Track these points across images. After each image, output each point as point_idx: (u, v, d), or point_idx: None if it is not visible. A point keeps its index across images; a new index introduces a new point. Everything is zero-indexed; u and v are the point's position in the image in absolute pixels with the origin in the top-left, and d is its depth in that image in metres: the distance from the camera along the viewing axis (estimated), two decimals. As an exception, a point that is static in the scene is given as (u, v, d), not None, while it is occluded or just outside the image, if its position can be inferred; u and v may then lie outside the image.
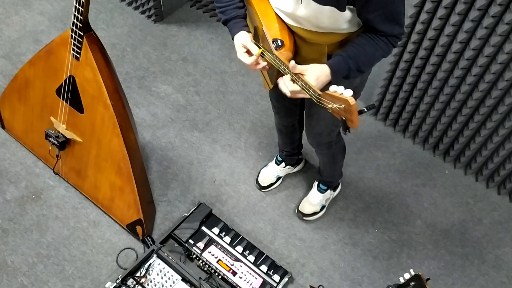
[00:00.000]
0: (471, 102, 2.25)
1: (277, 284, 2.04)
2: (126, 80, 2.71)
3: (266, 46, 1.49)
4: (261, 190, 2.36)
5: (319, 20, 1.40)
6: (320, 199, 2.27)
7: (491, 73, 2.08)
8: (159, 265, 2.02)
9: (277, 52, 1.46)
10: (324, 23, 1.41)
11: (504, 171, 2.37)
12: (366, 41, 1.42)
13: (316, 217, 2.29)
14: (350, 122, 1.21)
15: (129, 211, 2.07)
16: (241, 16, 1.56)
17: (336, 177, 2.30)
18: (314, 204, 2.27)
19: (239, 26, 1.55)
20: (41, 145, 2.23)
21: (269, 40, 1.46)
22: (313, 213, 2.27)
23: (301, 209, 2.28)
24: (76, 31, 1.72)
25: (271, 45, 1.46)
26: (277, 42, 1.47)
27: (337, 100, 1.20)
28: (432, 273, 2.20)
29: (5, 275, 2.00)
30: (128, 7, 3.10)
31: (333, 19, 1.39)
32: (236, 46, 1.53)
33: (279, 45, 1.47)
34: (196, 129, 2.58)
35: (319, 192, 2.27)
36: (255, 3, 1.52)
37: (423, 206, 2.41)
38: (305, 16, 1.41)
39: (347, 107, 1.17)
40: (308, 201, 2.29)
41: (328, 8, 1.34)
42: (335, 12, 1.35)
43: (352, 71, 1.43)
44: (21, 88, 2.14)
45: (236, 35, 1.54)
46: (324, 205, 2.30)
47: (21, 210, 2.18)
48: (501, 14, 1.91)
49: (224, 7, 1.55)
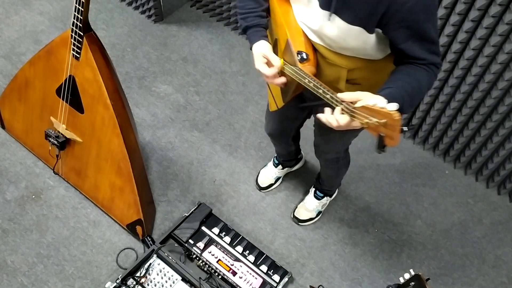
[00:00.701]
0: (471, 102, 2.25)
1: (277, 284, 2.04)
2: (126, 80, 2.71)
3: (289, 58, 1.40)
4: (260, 190, 2.36)
5: (345, 41, 1.34)
6: (316, 205, 2.26)
7: (491, 73, 2.08)
8: (159, 265, 2.02)
9: (301, 65, 1.37)
10: (350, 44, 1.35)
11: (504, 171, 2.37)
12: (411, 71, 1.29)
13: (312, 222, 2.28)
14: (389, 139, 1.09)
15: (129, 211, 2.07)
16: (262, 25, 1.49)
17: (336, 187, 2.30)
18: (310, 210, 2.26)
19: (260, 35, 1.47)
20: (41, 145, 2.23)
21: (293, 51, 1.38)
22: (308, 219, 2.27)
23: (296, 215, 2.27)
24: (76, 31, 1.72)
25: (295, 57, 1.37)
26: (302, 54, 1.40)
27: (377, 114, 1.07)
28: (432, 273, 2.20)
29: (5, 275, 2.00)
30: (128, 7, 3.10)
31: (360, 41, 1.32)
32: (255, 55, 1.45)
33: (304, 58, 1.40)
34: (196, 129, 2.58)
35: (316, 199, 2.26)
36: (281, 13, 1.46)
37: (423, 206, 2.41)
38: (331, 35, 1.35)
39: (389, 122, 1.05)
40: (304, 207, 2.27)
41: (356, 28, 1.28)
42: (363, 33, 1.29)
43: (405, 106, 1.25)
44: (21, 88, 2.14)
45: (256, 44, 1.46)
46: (320, 211, 2.29)
47: (21, 210, 2.18)
48: (501, 14, 1.91)
49: (246, 13, 1.48)
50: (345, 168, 2.12)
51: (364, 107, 1.11)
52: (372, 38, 1.31)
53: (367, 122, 1.10)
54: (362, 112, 1.12)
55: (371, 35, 1.30)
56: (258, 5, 1.49)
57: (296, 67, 1.36)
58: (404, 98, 1.24)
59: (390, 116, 1.05)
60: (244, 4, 1.49)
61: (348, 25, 1.28)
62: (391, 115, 1.04)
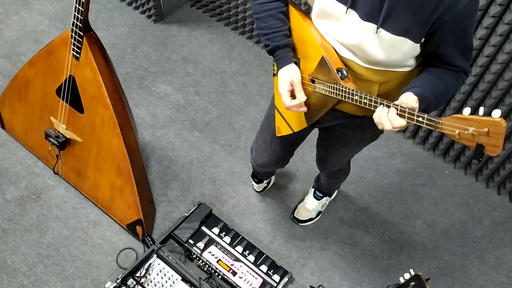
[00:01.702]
0: (471, 102, 2.25)
1: (277, 284, 2.04)
2: (126, 80, 2.71)
3: (324, 77, 1.34)
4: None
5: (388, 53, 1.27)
6: (316, 205, 2.25)
7: (491, 73, 2.08)
8: (159, 265, 2.02)
9: (343, 82, 1.29)
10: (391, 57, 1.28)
11: (504, 171, 2.37)
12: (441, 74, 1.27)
13: (312, 222, 2.28)
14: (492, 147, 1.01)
15: (129, 211, 2.07)
16: (290, 45, 1.40)
17: (335, 190, 2.30)
18: (310, 210, 2.25)
19: (289, 56, 1.39)
20: (41, 145, 2.23)
21: (333, 69, 1.30)
22: (308, 219, 2.26)
23: (296, 215, 2.26)
24: (76, 31, 1.72)
25: (335, 74, 1.30)
26: (342, 72, 1.31)
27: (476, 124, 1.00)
28: (432, 273, 2.20)
29: (5, 275, 2.00)
30: (128, 7, 3.10)
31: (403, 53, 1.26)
32: (284, 80, 1.38)
33: (345, 75, 1.31)
34: (196, 129, 2.58)
35: (316, 199, 2.25)
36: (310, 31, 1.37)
37: (423, 206, 2.41)
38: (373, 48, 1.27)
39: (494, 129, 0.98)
40: (304, 207, 2.27)
41: (402, 39, 1.22)
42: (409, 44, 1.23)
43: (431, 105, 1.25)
44: (21, 88, 2.14)
45: (285, 68, 1.38)
46: (320, 211, 2.29)
47: (21, 210, 2.18)
48: (501, 14, 1.91)
49: (272, 34, 1.39)
50: (345, 176, 2.12)
51: (455, 118, 1.05)
52: (417, 48, 1.26)
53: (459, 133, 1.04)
54: (450, 123, 1.06)
55: (416, 45, 1.24)
56: (283, 23, 1.40)
57: (339, 84, 1.30)
58: (431, 101, 1.23)
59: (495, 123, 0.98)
60: (269, 24, 1.40)
61: (394, 37, 1.22)
62: (498, 122, 0.98)
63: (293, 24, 1.43)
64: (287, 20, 1.42)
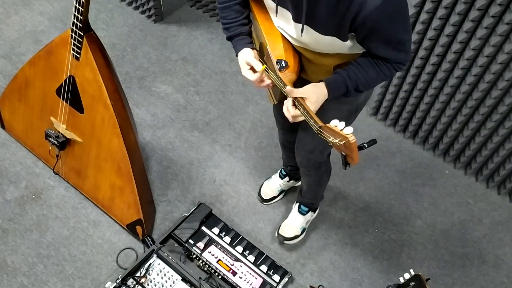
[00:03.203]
0: (471, 102, 2.25)
1: (277, 284, 2.04)
2: (126, 80, 2.71)
3: (271, 65, 1.47)
4: (262, 202, 2.32)
5: (323, 47, 1.40)
6: (301, 222, 2.17)
7: (491, 73, 2.08)
8: (159, 265, 2.02)
9: (281, 73, 1.43)
10: (328, 49, 1.41)
11: (504, 171, 2.37)
12: (369, 64, 1.39)
13: (297, 240, 2.18)
14: (350, 159, 1.17)
15: (129, 211, 2.07)
16: (245, 33, 1.53)
17: (319, 198, 2.21)
18: (295, 227, 2.17)
19: (243, 43, 1.52)
20: (41, 145, 2.23)
21: (273, 60, 1.44)
22: (294, 237, 2.17)
23: (281, 233, 2.16)
24: (76, 31, 1.72)
25: (275, 66, 1.43)
26: (281, 63, 1.45)
27: (338, 136, 1.15)
28: (432, 273, 2.20)
29: (5, 275, 2.00)
30: (128, 7, 3.10)
31: (336, 47, 1.38)
32: (240, 63, 1.51)
33: (283, 66, 1.45)
34: (196, 129, 2.58)
35: (300, 214, 2.17)
36: (261, 20, 1.50)
37: (423, 206, 2.41)
38: (308, 42, 1.41)
39: (347, 144, 1.13)
40: (288, 224, 2.18)
41: (330, 38, 1.33)
42: (337, 41, 1.33)
43: (350, 91, 1.41)
44: (21, 88, 2.14)
45: (240, 52, 1.52)
46: (305, 228, 2.21)
47: (21, 210, 2.18)
48: (501, 14, 1.91)
49: (228, 24, 1.53)
50: (326, 177, 2.06)
51: (327, 127, 1.19)
52: (348, 43, 1.35)
53: (331, 141, 1.17)
54: (326, 132, 1.20)
55: (345, 42, 1.34)
56: (239, 14, 1.52)
57: (277, 75, 1.42)
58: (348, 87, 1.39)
59: (346, 139, 1.13)
60: (226, 15, 1.53)
61: (321, 36, 1.33)
62: (347, 138, 1.13)
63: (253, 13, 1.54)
64: (245, 9, 1.54)
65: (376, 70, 1.39)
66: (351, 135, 1.14)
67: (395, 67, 1.40)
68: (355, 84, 1.40)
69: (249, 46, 1.52)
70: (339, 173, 2.45)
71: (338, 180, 2.44)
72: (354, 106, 1.66)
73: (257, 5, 1.53)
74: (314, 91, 1.38)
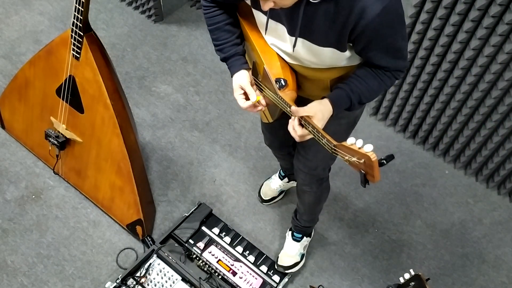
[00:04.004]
0: (471, 102, 2.25)
1: (277, 284, 2.04)
2: (126, 80, 2.71)
3: (269, 85, 1.43)
4: (262, 203, 2.32)
5: (320, 59, 1.37)
6: (298, 249, 2.10)
7: (491, 73, 2.08)
8: (159, 265, 2.02)
9: (281, 92, 1.39)
10: (326, 62, 1.38)
11: (504, 171, 2.37)
12: (369, 75, 1.37)
13: (298, 267, 2.11)
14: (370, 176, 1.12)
15: (129, 211, 2.07)
16: (240, 53, 1.50)
17: (315, 220, 2.12)
18: (293, 255, 2.09)
19: (239, 63, 1.49)
20: (41, 145, 2.23)
21: (272, 80, 1.40)
22: (294, 264, 2.09)
23: (280, 263, 2.08)
24: (76, 31, 1.72)
25: (274, 85, 1.40)
26: (280, 82, 1.41)
27: (356, 154, 1.12)
28: (432, 273, 2.20)
29: (5, 275, 2.00)
30: (128, 7, 3.10)
31: (334, 59, 1.36)
32: (234, 86, 1.49)
33: (283, 85, 1.41)
34: (196, 129, 2.58)
35: (295, 242, 2.11)
36: (254, 39, 1.47)
37: (423, 206, 2.41)
38: (305, 56, 1.38)
39: (367, 162, 1.09)
40: (286, 253, 2.10)
41: (328, 49, 1.31)
42: (336, 52, 1.32)
43: (354, 105, 1.38)
44: (21, 88, 2.14)
45: (236, 75, 1.50)
46: (303, 253, 2.14)
47: (21, 210, 2.18)
48: (501, 14, 1.91)
49: (221, 45, 1.50)
50: (326, 194, 1.97)
51: (344, 146, 1.15)
52: (346, 53, 1.33)
53: (347, 159, 1.14)
54: (342, 150, 1.16)
55: (344, 53, 1.32)
56: (230, 34, 1.49)
57: (277, 95, 1.39)
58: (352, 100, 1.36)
59: (367, 157, 1.10)
60: (217, 36, 1.50)
61: (319, 48, 1.31)
62: (368, 156, 1.09)
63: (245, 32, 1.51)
64: (237, 28, 1.51)
65: (377, 81, 1.37)
66: (372, 153, 1.10)
67: (395, 75, 1.39)
68: (358, 97, 1.37)
69: (245, 67, 1.49)
70: (339, 173, 2.45)
71: (338, 180, 2.44)
72: (352, 119, 1.65)
73: (249, 24, 1.49)
74: (319, 108, 1.33)
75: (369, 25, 1.20)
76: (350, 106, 1.39)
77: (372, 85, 1.37)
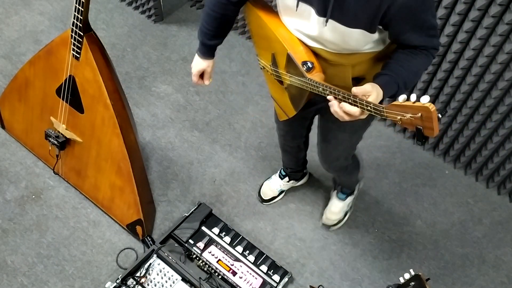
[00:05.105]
0: (471, 102, 2.25)
1: (277, 284, 2.04)
2: (126, 80, 2.71)
3: (295, 70, 1.43)
4: (262, 203, 2.33)
5: (347, 43, 1.36)
6: (342, 207, 2.24)
7: (491, 73, 2.08)
8: (159, 265, 2.02)
9: (309, 74, 1.39)
10: (352, 45, 1.37)
11: (504, 171, 2.37)
12: (410, 57, 1.35)
13: (341, 224, 2.27)
14: (429, 130, 1.09)
15: (129, 211, 2.07)
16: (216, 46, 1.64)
17: (355, 184, 2.27)
18: (336, 213, 2.24)
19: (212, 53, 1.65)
20: (41, 145, 2.23)
21: (298, 63, 1.40)
22: (338, 222, 2.25)
23: (325, 222, 2.25)
24: (76, 31, 1.72)
25: (301, 68, 1.40)
26: (307, 64, 1.40)
27: (410, 109, 1.09)
28: (432, 273, 2.20)
29: (5, 275, 2.00)
30: (128, 7, 3.10)
31: (361, 41, 1.35)
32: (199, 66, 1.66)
33: (310, 67, 1.40)
34: (196, 129, 2.58)
35: (340, 201, 2.24)
36: (274, 29, 1.47)
37: (423, 206, 2.41)
38: (331, 39, 1.36)
39: (425, 114, 1.06)
40: (330, 211, 2.25)
41: (357, 31, 1.29)
42: (365, 34, 1.30)
43: (400, 89, 1.35)
44: (21, 88, 2.14)
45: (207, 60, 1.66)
46: (347, 211, 2.28)
47: (21, 210, 2.18)
48: (501, 14, 1.91)
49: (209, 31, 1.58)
50: (356, 170, 2.11)
51: (394, 105, 1.13)
52: (375, 35, 1.32)
53: (400, 118, 1.11)
54: (392, 110, 1.14)
55: (373, 34, 1.31)
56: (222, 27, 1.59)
57: (306, 77, 1.38)
58: (399, 85, 1.33)
59: (425, 109, 1.06)
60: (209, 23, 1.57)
61: (348, 29, 1.29)
62: (427, 107, 1.06)
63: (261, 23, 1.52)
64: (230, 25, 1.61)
65: (417, 61, 1.35)
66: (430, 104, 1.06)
67: (432, 52, 1.37)
68: (404, 82, 1.34)
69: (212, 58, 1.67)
70: (339, 173, 2.46)
71: (338, 180, 2.44)
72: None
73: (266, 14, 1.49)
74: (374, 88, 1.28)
75: (404, 3, 1.20)
76: (397, 91, 1.35)
77: (413, 67, 1.35)
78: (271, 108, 2.09)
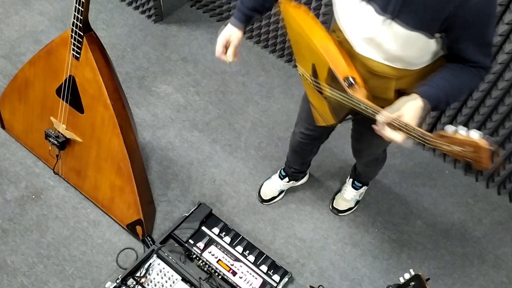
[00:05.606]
0: (471, 102, 2.25)
1: (277, 284, 2.04)
2: (126, 80, 2.71)
3: (336, 85, 1.38)
4: (262, 203, 2.33)
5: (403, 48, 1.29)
6: (354, 195, 2.29)
7: (491, 73, 2.08)
8: (159, 265, 2.02)
9: (351, 90, 1.33)
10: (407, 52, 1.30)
11: (504, 171, 2.37)
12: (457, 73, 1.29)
13: (350, 212, 2.32)
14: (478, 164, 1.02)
15: (129, 211, 2.07)
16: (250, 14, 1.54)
17: (374, 176, 2.31)
18: (348, 200, 2.30)
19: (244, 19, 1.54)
20: (41, 145, 2.23)
21: (340, 78, 1.34)
22: (348, 209, 2.31)
23: (335, 206, 2.30)
24: (76, 31, 1.72)
25: (343, 83, 1.34)
26: (349, 80, 1.34)
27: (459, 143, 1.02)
28: (432, 273, 2.20)
29: (5, 275, 2.00)
30: (128, 7, 3.10)
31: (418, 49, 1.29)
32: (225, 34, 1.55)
33: (352, 83, 1.34)
34: (196, 129, 2.58)
35: (354, 189, 2.28)
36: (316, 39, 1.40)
37: (423, 206, 2.41)
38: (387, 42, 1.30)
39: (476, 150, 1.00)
40: (342, 197, 2.30)
41: (416, 34, 1.24)
42: (423, 39, 1.25)
43: (441, 103, 1.28)
44: (21, 88, 2.14)
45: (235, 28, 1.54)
46: (358, 200, 2.32)
47: (21, 210, 2.18)
48: (501, 14, 1.91)
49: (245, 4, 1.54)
50: (382, 164, 2.14)
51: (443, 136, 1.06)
52: (432, 43, 1.27)
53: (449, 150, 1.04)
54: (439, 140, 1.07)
55: (431, 41, 1.26)
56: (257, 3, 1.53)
57: (348, 93, 1.33)
58: (441, 98, 1.27)
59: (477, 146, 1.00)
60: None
61: (407, 31, 1.24)
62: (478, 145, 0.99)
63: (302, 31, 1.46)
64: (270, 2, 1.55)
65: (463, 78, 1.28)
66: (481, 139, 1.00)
67: (481, 72, 1.31)
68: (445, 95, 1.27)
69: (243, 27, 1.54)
70: (339, 172, 2.45)
71: (338, 179, 2.44)
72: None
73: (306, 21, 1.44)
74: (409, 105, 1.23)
75: (472, 7, 1.16)
76: (437, 106, 1.27)
77: (458, 83, 1.29)
78: (271, 108, 2.09)
